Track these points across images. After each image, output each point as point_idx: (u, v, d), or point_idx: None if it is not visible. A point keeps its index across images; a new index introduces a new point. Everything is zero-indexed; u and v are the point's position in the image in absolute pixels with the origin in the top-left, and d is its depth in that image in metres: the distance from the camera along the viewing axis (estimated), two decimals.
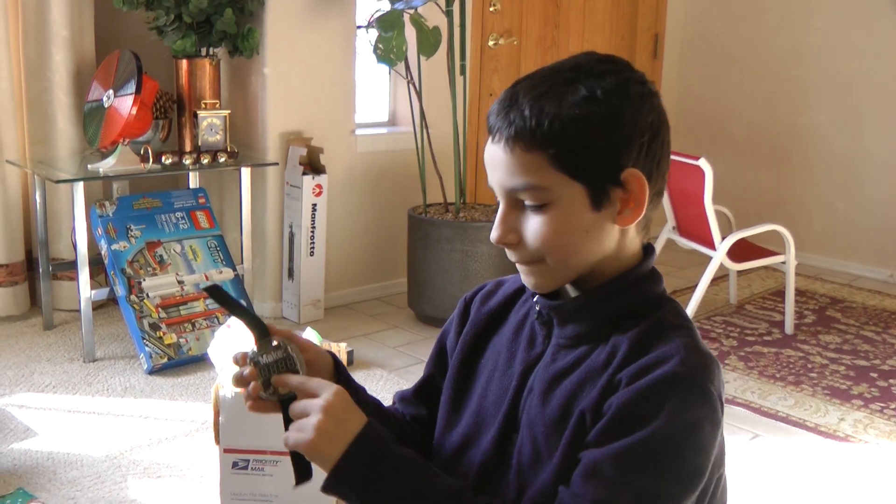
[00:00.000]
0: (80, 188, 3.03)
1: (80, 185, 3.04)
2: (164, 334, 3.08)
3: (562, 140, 0.99)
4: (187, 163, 3.27)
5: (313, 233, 3.57)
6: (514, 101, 1.01)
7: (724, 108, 4.97)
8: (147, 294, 3.12)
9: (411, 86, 3.61)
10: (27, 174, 3.44)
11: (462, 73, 3.65)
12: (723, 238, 3.44)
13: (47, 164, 3.31)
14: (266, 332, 1.07)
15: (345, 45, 3.70)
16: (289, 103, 3.57)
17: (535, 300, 1.12)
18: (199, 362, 3.07)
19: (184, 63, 3.34)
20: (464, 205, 3.71)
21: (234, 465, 2.10)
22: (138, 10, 3.29)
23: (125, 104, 3.11)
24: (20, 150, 3.40)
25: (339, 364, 1.18)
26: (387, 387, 3.01)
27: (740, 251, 3.55)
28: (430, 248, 3.49)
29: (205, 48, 3.36)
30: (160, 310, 3.12)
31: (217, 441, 2.12)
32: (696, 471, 0.99)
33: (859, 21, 4.45)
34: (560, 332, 1.09)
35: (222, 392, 2.06)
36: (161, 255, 3.21)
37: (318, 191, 3.54)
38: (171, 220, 3.30)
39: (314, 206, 3.54)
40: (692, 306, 3.45)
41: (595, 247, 1.04)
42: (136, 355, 3.10)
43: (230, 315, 1.23)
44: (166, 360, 3.05)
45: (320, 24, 3.60)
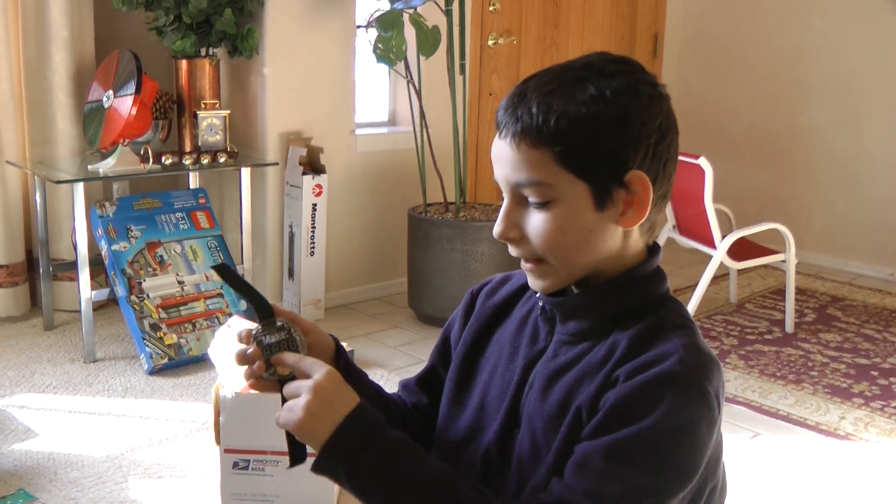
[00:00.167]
0: (80, 189, 3.03)
1: (81, 185, 3.04)
2: (164, 335, 3.08)
3: (568, 138, 0.99)
4: (187, 163, 3.27)
5: (313, 233, 3.57)
6: (523, 97, 1.01)
7: (724, 107, 4.97)
8: (147, 294, 3.12)
9: (411, 85, 3.61)
10: (27, 175, 3.43)
11: (462, 72, 3.65)
12: (723, 237, 3.44)
13: (47, 164, 3.31)
14: (271, 313, 1.08)
15: (344, 45, 3.70)
16: (288, 103, 3.58)
17: (538, 296, 1.12)
18: (200, 362, 3.07)
19: (183, 63, 3.34)
20: (464, 204, 3.71)
21: (235, 465, 2.11)
22: (138, 10, 3.29)
23: (125, 104, 3.11)
24: (20, 150, 3.40)
25: (341, 348, 1.18)
26: (387, 386, 2.97)
27: (740, 250, 3.55)
28: (430, 248, 3.49)
29: (204, 48, 3.36)
30: (160, 310, 3.12)
31: (217, 441, 2.12)
32: (688, 469, 0.98)
33: (859, 21, 4.45)
34: (562, 328, 1.09)
35: (223, 392, 2.06)
36: (161, 256, 3.21)
37: (318, 191, 3.54)
38: (172, 221, 3.30)
39: (314, 205, 3.55)
40: (693, 305, 3.45)
41: (597, 247, 1.04)
42: (137, 356, 3.10)
43: (238, 300, 1.24)
44: (167, 360, 3.05)
45: (320, 24, 3.60)
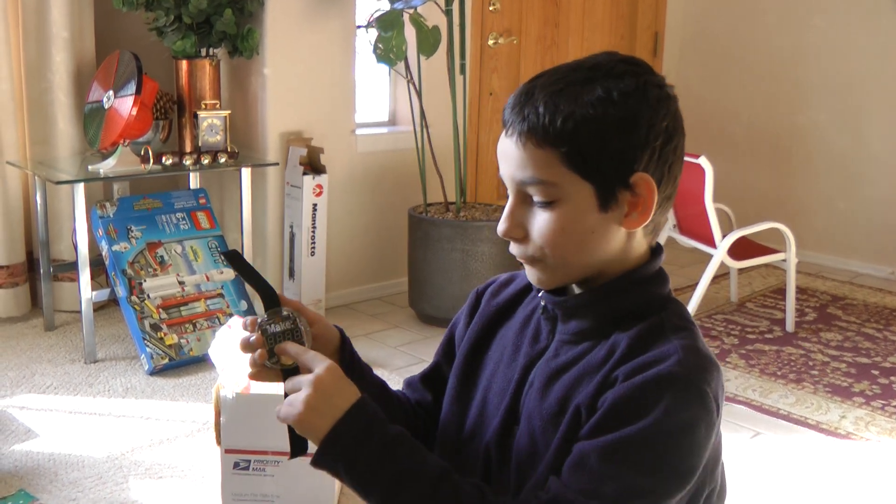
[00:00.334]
0: (80, 189, 3.03)
1: (81, 186, 3.04)
2: (164, 335, 3.08)
3: (574, 139, 0.98)
4: (187, 163, 3.27)
5: (314, 233, 3.57)
6: (530, 96, 1.01)
7: (723, 107, 4.97)
8: (148, 295, 3.12)
9: (411, 85, 3.61)
10: (28, 175, 3.43)
11: (462, 72, 3.65)
12: (723, 236, 3.44)
13: (48, 165, 3.31)
14: (277, 302, 1.08)
15: (344, 45, 3.70)
16: (289, 103, 3.58)
17: (540, 295, 1.12)
18: (200, 363, 3.07)
19: (184, 64, 3.34)
20: (464, 204, 3.71)
21: (236, 465, 2.11)
22: (138, 10, 3.29)
23: (125, 105, 3.11)
24: (20, 151, 3.40)
25: (347, 340, 1.18)
26: None
27: (741, 249, 3.55)
28: (430, 248, 3.49)
29: (204, 49, 3.36)
30: (161, 310, 3.12)
31: (218, 442, 2.12)
32: (685, 471, 0.98)
33: (859, 21, 4.45)
34: (563, 327, 1.09)
35: (223, 393, 2.06)
36: (162, 256, 3.21)
37: (318, 191, 3.54)
38: (172, 221, 3.30)
39: (314, 206, 3.54)
40: (693, 304, 3.45)
41: (599, 248, 1.04)
42: (137, 356, 3.10)
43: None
44: (167, 360, 3.05)
45: (320, 25, 3.60)
